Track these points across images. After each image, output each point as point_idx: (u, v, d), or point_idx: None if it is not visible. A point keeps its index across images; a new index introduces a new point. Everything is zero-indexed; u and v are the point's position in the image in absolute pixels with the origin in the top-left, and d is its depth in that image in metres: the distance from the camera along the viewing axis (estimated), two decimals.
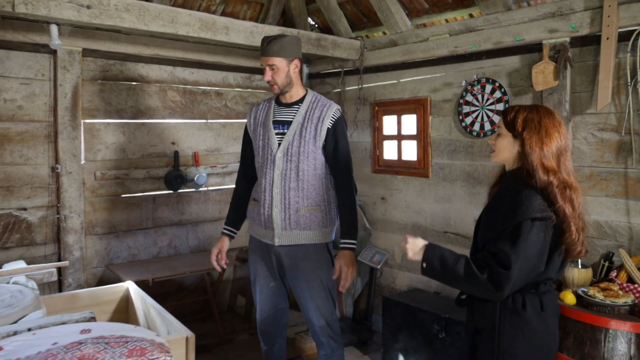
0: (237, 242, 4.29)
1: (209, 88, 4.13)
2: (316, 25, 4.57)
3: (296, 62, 2.47)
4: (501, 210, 1.68)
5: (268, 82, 2.47)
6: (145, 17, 2.91)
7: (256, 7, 4.25)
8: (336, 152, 2.48)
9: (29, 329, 1.78)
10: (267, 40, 2.42)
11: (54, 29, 2.88)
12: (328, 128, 2.45)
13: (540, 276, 1.68)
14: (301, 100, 2.53)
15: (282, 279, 2.63)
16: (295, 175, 2.45)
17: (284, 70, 2.43)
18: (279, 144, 2.47)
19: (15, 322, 1.97)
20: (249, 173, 2.70)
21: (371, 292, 4.00)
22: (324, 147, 2.47)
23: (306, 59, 4.48)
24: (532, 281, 1.68)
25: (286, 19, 4.40)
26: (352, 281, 2.50)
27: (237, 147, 4.27)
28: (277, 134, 2.49)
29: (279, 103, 2.56)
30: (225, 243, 2.70)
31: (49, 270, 2.82)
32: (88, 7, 2.71)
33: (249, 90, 4.36)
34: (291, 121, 2.49)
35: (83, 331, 1.55)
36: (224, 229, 2.73)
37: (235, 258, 4.20)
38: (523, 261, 1.58)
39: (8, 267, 2.83)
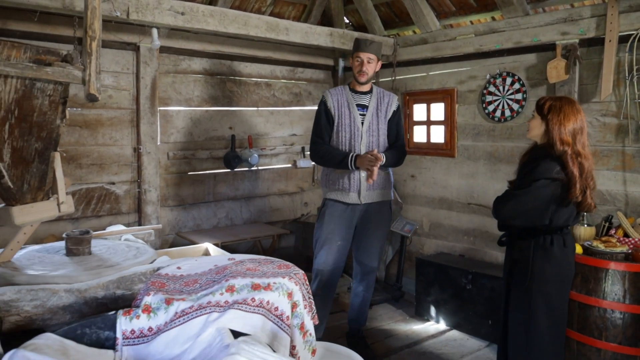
0: (282, 215, 4.90)
1: (259, 80, 4.70)
2: (350, 24, 5.12)
3: (380, 62, 3.19)
4: (527, 170, 2.28)
5: (361, 71, 3.11)
6: (224, 21, 3.48)
7: (299, 8, 4.81)
8: (399, 126, 3.26)
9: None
10: (370, 41, 3.12)
11: (154, 32, 3.43)
12: (394, 110, 3.23)
13: (557, 221, 2.24)
14: (370, 91, 3.22)
15: (350, 238, 3.24)
16: (376, 145, 3.14)
17: (374, 66, 3.14)
18: (362, 123, 3.14)
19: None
20: (328, 143, 3.23)
21: (401, 258, 4.60)
22: (389, 123, 3.21)
23: (342, 54, 5.03)
24: (547, 225, 2.24)
25: (324, 18, 4.94)
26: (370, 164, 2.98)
27: (283, 132, 4.86)
28: (360, 114, 3.15)
29: (354, 91, 3.22)
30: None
31: (148, 231, 3.41)
32: (182, 14, 3.28)
33: (293, 81, 4.93)
34: (367, 105, 3.19)
35: (231, 259, 2.12)
36: (350, 156, 3.04)
37: (281, 227, 4.79)
38: (527, 205, 2.21)
39: (112, 228, 3.44)
